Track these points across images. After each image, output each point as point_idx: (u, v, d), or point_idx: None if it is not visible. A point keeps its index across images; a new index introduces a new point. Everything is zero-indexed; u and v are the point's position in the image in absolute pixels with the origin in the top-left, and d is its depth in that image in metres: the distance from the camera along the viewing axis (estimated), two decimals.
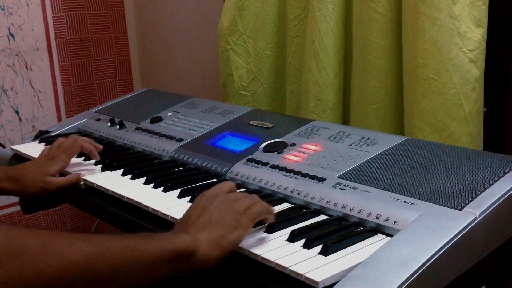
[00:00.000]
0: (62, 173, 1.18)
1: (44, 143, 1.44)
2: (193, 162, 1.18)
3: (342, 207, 0.88)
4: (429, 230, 0.76)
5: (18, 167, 1.15)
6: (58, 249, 0.66)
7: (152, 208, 0.97)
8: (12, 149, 1.44)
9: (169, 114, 1.45)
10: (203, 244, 0.77)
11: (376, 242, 0.80)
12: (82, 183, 1.15)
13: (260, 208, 0.84)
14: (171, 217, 0.93)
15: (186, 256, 0.75)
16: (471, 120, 1.16)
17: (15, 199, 1.91)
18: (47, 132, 1.54)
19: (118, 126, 1.45)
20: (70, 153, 1.16)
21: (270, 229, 0.85)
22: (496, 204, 0.80)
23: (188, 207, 0.84)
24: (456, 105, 1.15)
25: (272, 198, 0.98)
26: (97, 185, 1.11)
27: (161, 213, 0.95)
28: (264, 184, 1.02)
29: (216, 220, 0.80)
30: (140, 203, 1.00)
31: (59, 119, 2.14)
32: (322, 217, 0.90)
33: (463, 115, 1.15)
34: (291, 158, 1.06)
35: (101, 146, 1.23)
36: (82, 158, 1.27)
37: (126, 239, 0.74)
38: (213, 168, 1.13)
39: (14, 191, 1.11)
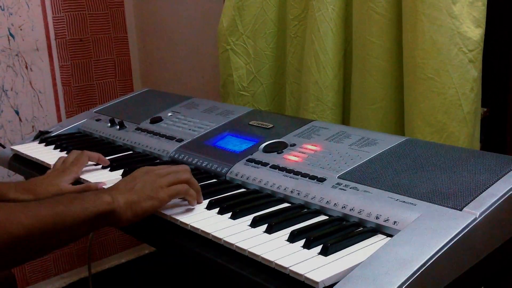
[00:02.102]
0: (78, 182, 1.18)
1: (44, 143, 1.44)
2: (193, 162, 1.18)
3: (342, 207, 0.89)
4: (429, 230, 0.76)
5: (32, 180, 1.17)
6: (1, 223, 0.75)
7: None
8: (12, 149, 1.44)
9: (169, 114, 1.45)
10: (120, 206, 0.88)
11: (376, 242, 0.80)
12: None
13: (181, 188, 0.95)
14: (170, 217, 0.93)
15: (105, 215, 0.87)
16: (470, 120, 1.16)
17: None
18: (47, 132, 1.54)
19: (118, 126, 1.45)
20: (80, 164, 1.18)
21: (270, 229, 0.85)
22: (496, 204, 0.80)
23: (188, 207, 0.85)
24: (456, 105, 1.15)
25: (272, 198, 0.98)
26: None
27: (161, 213, 0.95)
28: (264, 184, 1.02)
29: (137, 189, 0.92)
30: None
31: (59, 119, 2.14)
32: (322, 217, 0.90)
33: (462, 115, 1.15)
34: (291, 158, 1.06)
35: (108, 161, 1.24)
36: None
37: (58, 205, 0.83)
38: (213, 168, 1.13)
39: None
